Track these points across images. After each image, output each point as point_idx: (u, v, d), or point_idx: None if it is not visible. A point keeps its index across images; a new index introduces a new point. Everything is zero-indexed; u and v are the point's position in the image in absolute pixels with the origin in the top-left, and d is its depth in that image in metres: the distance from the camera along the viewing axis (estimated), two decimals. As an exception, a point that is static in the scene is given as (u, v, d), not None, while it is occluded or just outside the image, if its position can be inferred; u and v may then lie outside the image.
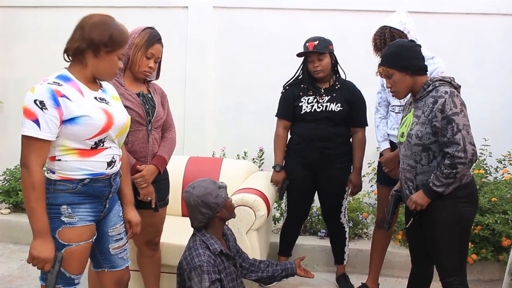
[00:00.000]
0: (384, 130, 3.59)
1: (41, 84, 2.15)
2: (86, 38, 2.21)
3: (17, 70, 5.59)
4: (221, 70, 5.36)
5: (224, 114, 5.38)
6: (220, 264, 2.74)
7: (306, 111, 3.72)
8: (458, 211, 2.70)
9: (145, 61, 2.88)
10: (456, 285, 2.76)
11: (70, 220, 2.23)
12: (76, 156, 2.23)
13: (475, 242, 4.10)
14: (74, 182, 2.23)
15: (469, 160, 2.59)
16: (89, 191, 2.28)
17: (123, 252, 2.52)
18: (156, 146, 3.00)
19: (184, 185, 4.05)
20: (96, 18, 2.24)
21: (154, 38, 2.89)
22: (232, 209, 2.84)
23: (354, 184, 3.81)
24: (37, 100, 2.11)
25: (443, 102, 2.60)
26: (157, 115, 2.98)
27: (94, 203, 2.31)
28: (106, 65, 2.27)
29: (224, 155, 5.10)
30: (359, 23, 5.01)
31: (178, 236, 3.41)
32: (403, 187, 2.89)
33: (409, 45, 2.77)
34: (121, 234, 2.50)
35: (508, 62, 4.96)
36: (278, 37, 5.23)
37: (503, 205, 4.13)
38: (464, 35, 4.99)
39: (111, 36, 2.22)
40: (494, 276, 4.24)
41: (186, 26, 5.34)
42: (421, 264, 3.03)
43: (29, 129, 2.10)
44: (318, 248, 4.37)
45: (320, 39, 3.68)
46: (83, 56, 2.24)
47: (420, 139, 2.68)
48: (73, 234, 2.24)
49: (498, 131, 4.83)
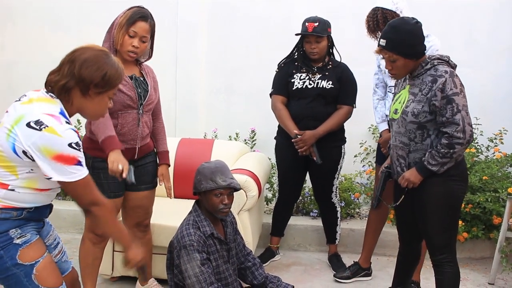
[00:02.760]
0: (382, 111, 3.58)
1: (61, 124, 1.96)
2: (75, 75, 2.02)
3: (7, 53, 5.52)
4: (212, 51, 5.32)
5: (215, 95, 5.36)
6: (212, 246, 2.74)
7: (297, 87, 3.73)
8: (449, 188, 2.72)
9: (128, 39, 2.82)
10: (446, 262, 2.78)
11: (24, 239, 2.08)
12: (33, 190, 2.08)
13: (466, 221, 4.13)
14: (20, 209, 2.07)
15: (467, 141, 2.61)
16: (34, 216, 2.14)
17: (63, 256, 2.40)
18: (146, 130, 2.99)
19: (176, 166, 4.04)
20: (90, 53, 2.05)
21: (135, 16, 2.81)
22: (215, 208, 2.73)
23: (303, 138, 3.66)
24: (72, 143, 1.95)
25: (443, 82, 2.60)
26: (149, 98, 2.96)
27: (36, 221, 2.20)
28: (94, 106, 2.12)
29: (215, 136, 5.09)
30: (350, 3, 4.98)
31: (170, 217, 3.42)
32: (394, 164, 2.89)
33: (415, 29, 2.68)
34: (56, 239, 2.37)
35: (499, 41, 4.94)
36: (270, 19, 5.19)
37: (494, 184, 4.17)
38: (454, 14, 4.96)
39: (104, 76, 2.04)
40: (485, 254, 4.29)
41: (177, 7, 5.29)
42: (409, 242, 3.05)
43: (78, 171, 2.00)
44: (310, 228, 4.40)
45: (320, 20, 3.66)
46: (69, 93, 2.05)
47: (416, 116, 2.68)
48: (35, 250, 2.11)
49: (489, 110, 4.84)
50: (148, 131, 3.04)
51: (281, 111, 3.79)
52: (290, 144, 3.74)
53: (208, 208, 2.77)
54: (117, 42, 2.83)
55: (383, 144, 3.51)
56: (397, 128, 2.82)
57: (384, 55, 2.74)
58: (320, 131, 3.68)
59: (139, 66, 3.01)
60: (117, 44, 2.83)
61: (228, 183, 2.71)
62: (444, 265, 2.79)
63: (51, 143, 1.93)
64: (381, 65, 3.55)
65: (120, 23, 2.81)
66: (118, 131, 2.84)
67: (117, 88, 2.17)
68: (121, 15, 2.84)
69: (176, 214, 3.33)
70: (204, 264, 2.62)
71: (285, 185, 4.00)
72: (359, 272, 3.82)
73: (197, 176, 2.76)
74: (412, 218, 2.90)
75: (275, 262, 4.11)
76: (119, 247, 3.37)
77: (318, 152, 3.70)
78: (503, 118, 4.88)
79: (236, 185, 2.75)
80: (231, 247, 2.87)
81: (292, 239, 4.41)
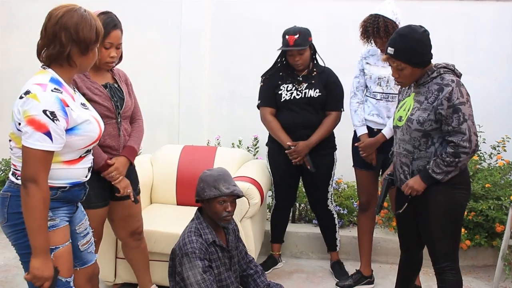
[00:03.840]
0: (362, 115, 3.62)
1: (44, 91, 2.04)
2: (75, 40, 2.13)
3: (12, 60, 5.56)
4: (216, 58, 5.33)
5: (218, 102, 5.37)
6: (214, 253, 2.75)
7: (285, 98, 3.76)
8: (453, 196, 2.72)
9: (105, 52, 2.77)
10: (448, 270, 2.78)
11: (52, 223, 2.16)
12: (62, 164, 2.16)
13: (469, 228, 4.12)
14: (54, 189, 2.15)
15: (473, 151, 2.62)
16: (68, 197, 2.23)
17: (90, 247, 2.46)
18: (126, 137, 2.96)
19: (179, 174, 4.05)
20: (75, 15, 2.15)
21: (109, 27, 2.73)
22: (218, 216, 2.75)
23: (297, 149, 3.70)
24: (47, 111, 2.00)
25: (450, 91, 2.60)
26: (126, 106, 2.92)
27: (70, 205, 2.27)
28: (90, 60, 2.23)
29: (218, 143, 5.10)
30: (352, 10, 4.97)
31: (172, 224, 3.43)
32: (397, 171, 2.89)
33: (423, 38, 2.69)
34: (87, 229, 2.43)
35: (502, 48, 4.94)
36: (273, 25, 5.18)
37: (496, 191, 4.15)
38: (457, 21, 4.97)
39: (96, 31, 2.18)
40: (488, 262, 4.27)
41: (180, 14, 5.30)
42: (410, 250, 3.05)
43: (41, 142, 2.00)
44: (312, 236, 4.39)
45: (300, 31, 3.66)
46: (72, 58, 2.16)
47: (422, 124, 2.68)
48: (58, 236, 2.18)
49: (492, 118, 4.83)
50: (129, 138, 2.99)
51: (271, 123, 3.82)
52: (282, 151, 3.77)
53: (211, 216, 2.78)
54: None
55: (364, 149, 3.55)
56: (401, 135, 2.82)
57: (391, 64, 2.74)
58: (313, 141, 3.72)
59: (111, 72, 2.95)
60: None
61: (231, 190, 2.73)
62: (446, 273, 2.78)
63: (29, 107, 2.01)
64: (364, 68, 3.58)
65: None
66: (101, 143, 2.79)
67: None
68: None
69: (178, 221, 3.34)
70: (206, 272, 2.63)
71: (280, 190, 4.03)
72: (362, 280, 3.81)
73: (200, 184, 2.77)
74: (413, 225, 2.90)
75: (277, 269, 4.11)
76: (121, 254, 3.38)
77: (312, 161, 3.73)
78: (506, 126, 4.86)
79: (239, 192, 2.77)
80: (233, 255, 2.87)
81: (295, 246, 4.41)
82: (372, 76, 3.55)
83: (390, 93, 3.47)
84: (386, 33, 3.33)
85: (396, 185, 2.93)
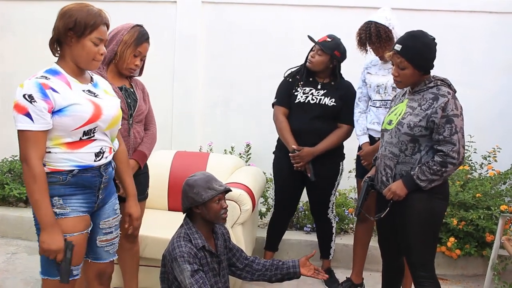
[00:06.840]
0: (364, 124, 3.63)
1: (30, 79, 2.19)
2: (55, 28, 2.27)
3: (6, 64, 5.56)
4: (210, 65, 5.36)
5: (212, 109, 5.39)
6: (203, 258, 2.74)
7: (300, 101, 3.75)
8: (432, 205, 2.76)
9: (133, 59, 2.94)
10: (426, 279, 2.80)
11: (62, 211, 2.25)
12: (64, 148, 2.25)
13: (459, 238, 4.14)
14: (64, 173, 2.25)
15: (459, 163, 2.66)
16: (79, 182, 2.30)
17: (110, 246, 2.52)
18: (138, 140, 3.03)
19: (171, 179, 4.06)
20: (67, 7, 2.30)
21: (143, 37, 2.95)
22: (217, 215, 2.76)
23: (300, 154, 3.69)
24: (26, 95, 2.14)
25: (446, 101, 2.65)
26: (139, 109, 3.01)
27: (86, 194, 2.33)
28: (80, 52, 2.28)
29: (211, 150, 5.11)
30: (347, 19, 5.01)
31: (164, 230, 3.42)
32: (379, 173, 2.90)
33: (432, 45, 2.76)
34: (111, 228, 2.51)
35: (494, 59, 4.99)
36: (267, 33, 5.23)
37: (487, 201, 4.18)
38: (451, 33, 5.01)
39: (76, 20, 2.24)
40: (477, 271, 4.29)
41: (175, 21, 5.32)
42: (390, 256, 3.07)
43: (22, 123, 2.14)
44: (304, 243, 4.40)
45: (334, 39, 3.73)
46: (61, 47, 2.30)
47: (412, 129, 2.71)
48: (67, 225, 2.26)
49: (483, 128, 4.88)
50: (140, 141, 3.07)
51: (282, 123, 3.80)
52: (288, 160, 3.75)
53: (209, 218, 2.77)
54: (124, 60, 2.92)
55: (365, 158, 3.55)
56: (388, 138, 2.85)
57: (395, 60, 2.77)
58: (318, 150, 3.70)
59: (129, 79, 3.08)
60: (123, 62, 2.92)
61: (223, 186, 2.79)
62: (424, 282, 2.80)
63: (16, 95, 2.18)
64: (365, 79, 3.61)
65: (127, 42, 2.91)
66: None
67: (100, 32, 2.30)
68: (125, 33, 2.91)
69: (170, 226, 3.33)
70: (194, 275, 2.61)
71: (282, 200, 4.00)
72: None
73: (193, 190, 2.74)
74: (393, 232, 2.92)
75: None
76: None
77: (314, 169, 3.72)
78: (497, 136, 4.91)
79: (228, 187, 2.83)
80: (221, 260, 2.87)
81: (286, 253, 4.41)
82: (371, 85, 3.56)
83: (388, 100, 3.48)
84: (378, 38, 3.36)
85: (376, 188, 2.95)
